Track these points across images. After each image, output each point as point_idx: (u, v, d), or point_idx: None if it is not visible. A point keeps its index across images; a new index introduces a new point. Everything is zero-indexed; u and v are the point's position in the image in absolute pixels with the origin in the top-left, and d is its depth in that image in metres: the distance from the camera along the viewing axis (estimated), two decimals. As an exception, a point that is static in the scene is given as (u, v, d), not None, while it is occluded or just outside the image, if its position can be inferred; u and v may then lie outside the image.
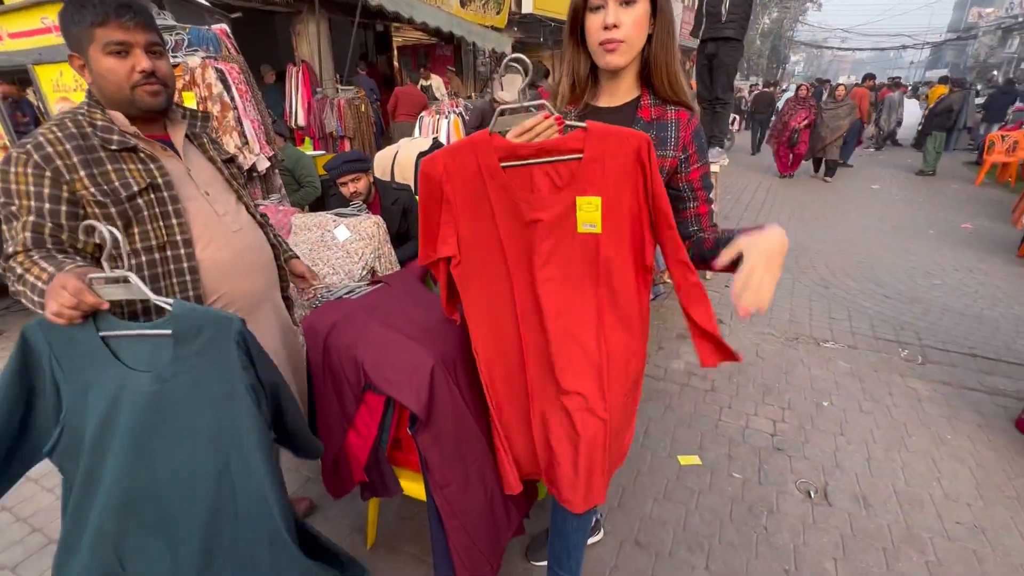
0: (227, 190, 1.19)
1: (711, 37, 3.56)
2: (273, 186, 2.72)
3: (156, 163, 1.05)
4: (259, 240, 1.23)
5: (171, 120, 1.14)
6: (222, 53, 2.46)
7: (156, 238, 1.04)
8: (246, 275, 1.16)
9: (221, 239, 1.12)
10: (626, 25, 0.92)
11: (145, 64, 1.00)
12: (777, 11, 27.75)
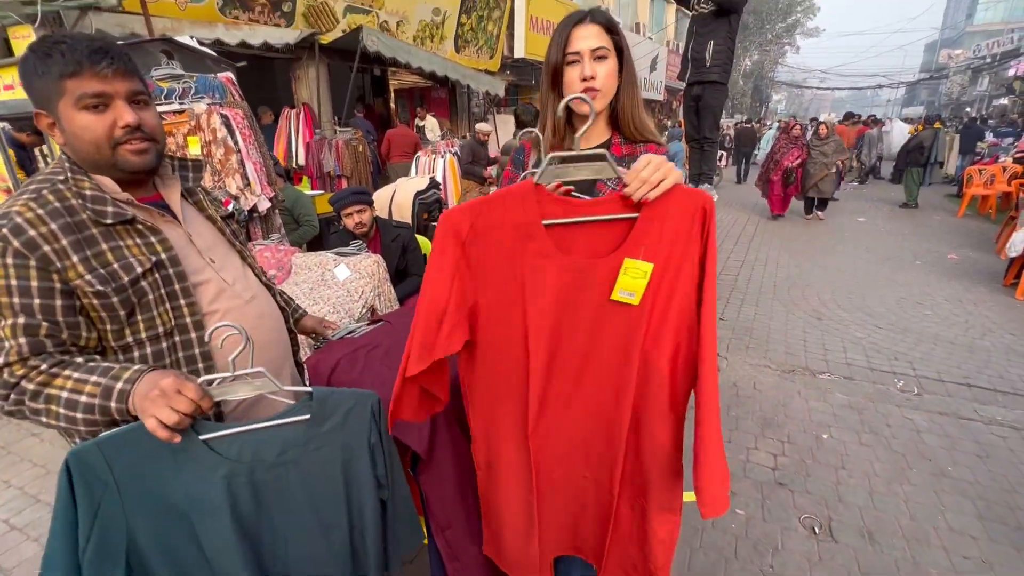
0: (231, 252, 1.07)
1: (697, 81, 3.73)
2: (273, 226, 2.77)
3: (158, 235, 0.91)
4: (271, 307, 1.11)
5: (162, 178, 0.99)
6: (227, 99, 2.55)
7: (163, 324, 0.91)
8: (261, 350, 1.00)
9: (235, 312, 1.00)
10: (601, 76, 1.04)
11: (129, 117, 0.86)
12: (758, 54, 29.07)
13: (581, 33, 1.03)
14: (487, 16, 8.89)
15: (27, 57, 0.84)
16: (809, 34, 31.02)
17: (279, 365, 1.10)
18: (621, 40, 1.06)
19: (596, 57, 1.03)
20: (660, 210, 0.84)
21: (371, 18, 7.02)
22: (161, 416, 0.75)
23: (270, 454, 0.86)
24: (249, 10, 5.82)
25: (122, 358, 0.89)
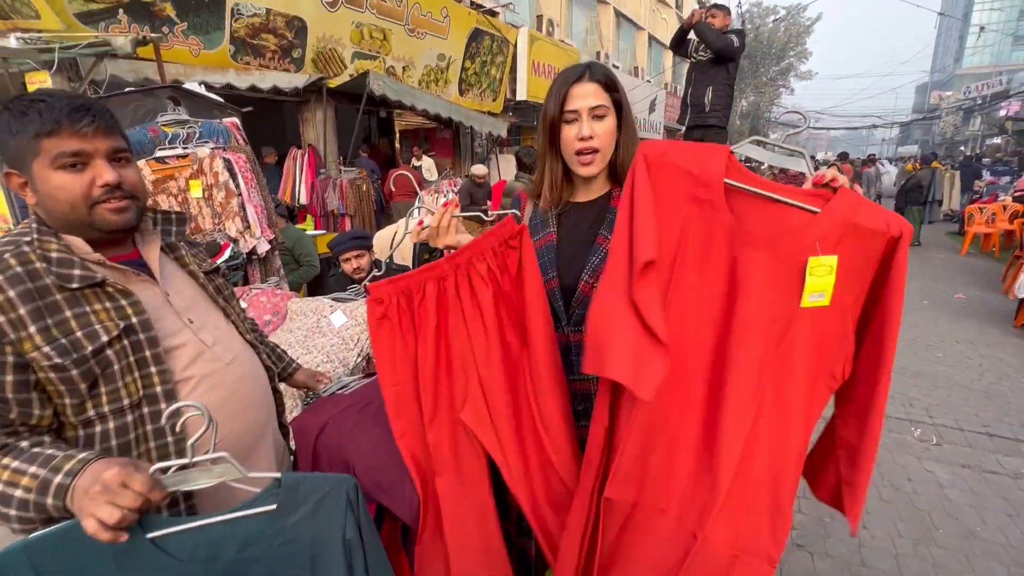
0: (213, 309, 1.01)
1: (697, 125, 3.78)
2: (272, 268, 2.74)
3: (129, 298, 0.84)
4: (254, 368, 1.04)
5: (142, 234, 0.94)
6: (231, 144, 2.57)
7: (130, 395, 0.83)
8: (242, 415, 0.96)
9: (212, 377, 0.92)
10: (599, 136, 1.02)
11: (108, 176, 0.82)
12: (754, 95, 29.93)
13: (579, 91, 1.02)
14: (490, 61, 9.19)
15: (1, 115, 0.81)
16: (802, 77, 32.00)
17: (261, 431, 1.03)
18: (620, 96, 1.05)
19: (594, 116, 1.02)
20: (843, 215, 0.79)
21: (378, 63, 7.25)
22: (101, 515, 0.65)
23: (229, 552, 0.75)
24: (260, 56, 6.02)
25: (83, 434, 0.82)
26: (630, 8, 15.41)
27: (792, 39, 29.55)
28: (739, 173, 0.85)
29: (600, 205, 1.11)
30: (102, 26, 4.83)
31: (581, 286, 1.05)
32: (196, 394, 0.91)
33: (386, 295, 0.96)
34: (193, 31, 5.37)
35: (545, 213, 1.13)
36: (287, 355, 1.34)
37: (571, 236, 1.11)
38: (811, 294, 0.80)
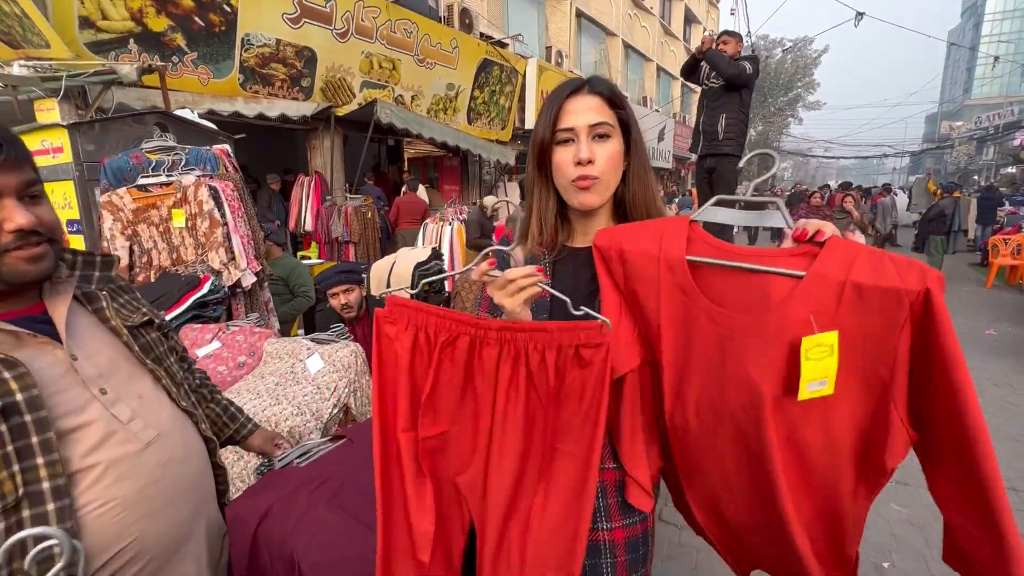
0: (138, 373, 0.84)
1: (710, 153, 3.64)
2: (258, 302, 2.58)
3: (14, 369, 0.68)
4: (185, 446, 0.86)
5: (52, 282, 0.79)
6: (219, 171, 2.45)
7: (3, 496, 0.66)
8: (164, 510, 0.79)
9: (125, 464, 0.75)
10: (601, 160, 0.83)
11: (21, 219, 0.70)
12: (762, 125, 30.07)
13: (576, 105, 0.82)
14: (499, 91, 9.24)
15: None
16: (810, 107, 32.17)
17: (188, 526, 0.84)
18: (627, 115, 0.85)
19: (595, 136, 0.82)
20: (839, 273, 0.63)
21: (387, 92, 7.29)
22: None
23: None
24: (269, 85, 6.05)
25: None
26: (639, 40, 15.63)
27: (799, 70, 29.84)
28: (704, 244, 0.76)
29: None
30: (112, 55, 4.87)
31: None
32: (100, 487, 0.72)
33: (403, 320, 0.78)
34: (203, 61, 5.41)
35: (537, 261, 0.92)
36: (242, 415, 1.16)
37: (567, 288, 0.89)
38: (810, 383, 0.63)
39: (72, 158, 2.21)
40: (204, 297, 2.16)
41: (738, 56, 3.69)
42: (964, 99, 48.84)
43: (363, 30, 6.64)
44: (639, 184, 0.87)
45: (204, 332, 1.98)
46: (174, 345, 1.00)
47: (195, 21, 5.21)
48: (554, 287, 0.88)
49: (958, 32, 54.34)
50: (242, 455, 1.49)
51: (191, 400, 0.94)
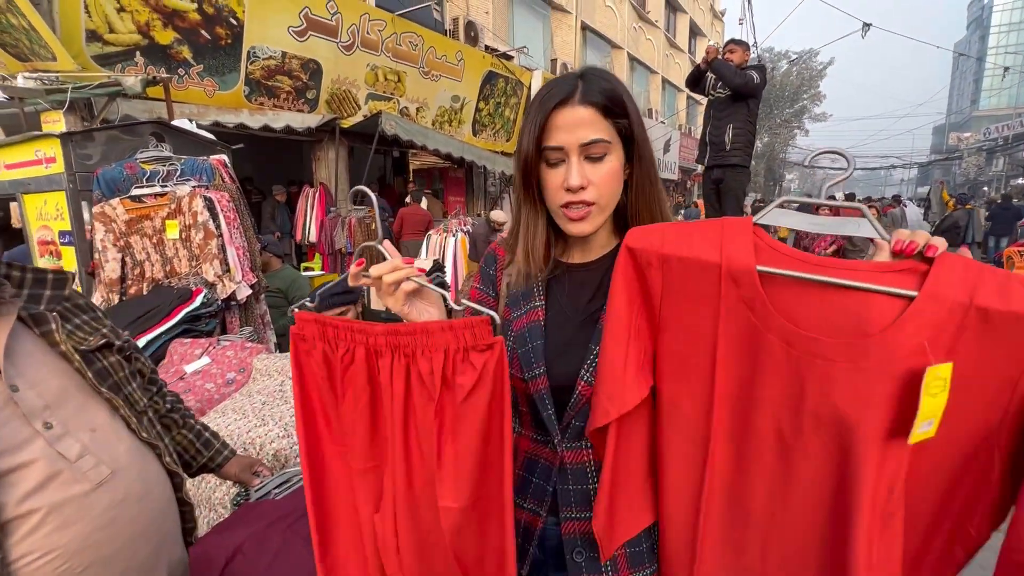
0: (92, 403, 0.77)
1: (716, 164, 3.57)
2: (253, 315, 2.51)
3: None
4: (145, 481, 0.78)
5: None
6: (215, 182, 2.40)
7: None
8: (117, 552, 0.71)
9: (70, 508, 0.68)
10: (596, 183, 0.71)
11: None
12: (768, 136, 30.06)
13: (565, 119, 0.69)
14: (504, 103, 9.26)
15: None
16: (816, 119, 32.13)
17: (145, 572, 0.75)
18: (629, 123, 0.72)
19: (587, 157, 0.70)
20: (956, 293, 0.53)
21: (392, 104, 7.30)
22: None
23: None
24: (275, 96, 6.07)
25: None
26: (644, 53, 15.70)
27: (805, 82, 29.86)
28: (775, 253, 0.61)
29: (604, 269, 0.79)
30: (119, 68, 4.89)
31: (580, 387, 0.73)
32: (40, 535, 0.65)
33: (310, 335, 0.71)
34: (209, 73, 5.43)
35: (530, 278, 0.80)
36: (217, 441, 1.07)
37: (565, 313, 0.79)
38: (922, 422, 0.52)
39: (64, 168, 2.17)
40: (196, 310, 2.10)
41: (745, 65, 3.64)
42: (972, 110, 48.67)
43: (368, 43, 6.67)
44: (642, 199, 0.76)
45: (194, 347, 1.91)
46: (141, 368, 0.92)
47: (201, 34, 5.24)
48: (550, 312, 0.79)
49: (964, 44, 54.34)
50: (222, 481, 1.41)
51: (155, 430, 0.86)
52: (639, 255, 0.66)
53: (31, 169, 2.31)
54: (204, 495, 1.46)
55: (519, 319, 0.80)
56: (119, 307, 2.17)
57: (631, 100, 0.73)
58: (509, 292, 0.83)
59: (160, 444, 0.84)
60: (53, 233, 2.37)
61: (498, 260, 0.87)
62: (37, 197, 2.36)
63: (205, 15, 5.20)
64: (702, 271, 0.62)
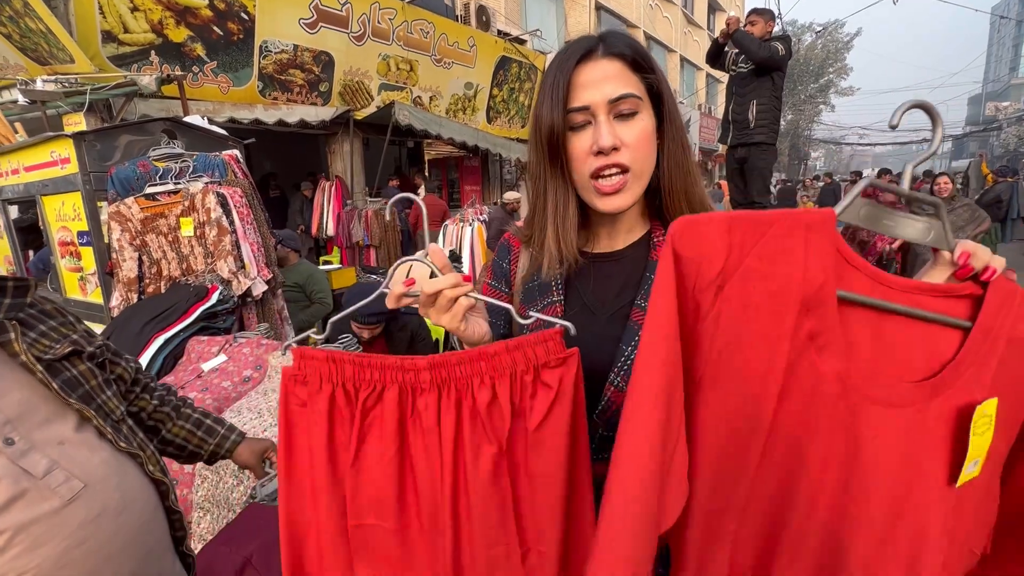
0: (60, 414, 0.72)
1: (740, 143, 3.41)
2: (270, 311, 2.50)
3: None
4: (123, 492, 0.74)
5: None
6: (227, 177, 2.38)
7: None
8: (97, 568, 0.68)
9: (39, 527, 0.64)
10: (628, 145, 0.62)
11: None
12: (792, 113, 29.04)
13: (590, 75, 0.62)
14: (518, 88, 9.10)
15: None
16: (843, 93, 30.90)
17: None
18: (657, 79, 0.64)
19: (617, 114, 0.62)
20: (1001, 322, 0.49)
21: (405, 94, 7.24)
22: None
23: None
24: (288, 91, 6.06)
25: None
26: (661, 31, 15.26)
27: (831, 55, 28.69)
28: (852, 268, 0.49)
29: (634, 258, 0.70)
30: (135, 67, 4.93)
31: (610, 393, 0.66)
32: (6, 559, 0.61)
33: (316, 376, 0.61)
34: (223, 69, 5.44)
35: (550, 273, 0.71)
36: (221, 426, 1.02)
37: (588, 310, 0.70)
38: (970, 463, 0.48)
39: (79, 168, 2.17)
40: (212, 307, 2.09)
41: (768, 36, 3.45)
42: (1011, 78, 46.20)
43: (379, 32, 6.59)
44: (676, 167, 0.66)
45: (211, 344, 1.90)
46: (121, 373, 0.88)
47: (214, 30, 5.24)
48: (570, 305, 0.71)
49: (1003, 6, 51.43)
50: (242, 479, 1.39)
51: (137, 438, 0.81)
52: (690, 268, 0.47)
53: (48, 170, 2.33)
54: (222, 495, 1.45)
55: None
56: (137, 306, 2.18)
57: (655, 61, 0.66)
58: (523, 286, 0.76)
59: (142, 453, 0.79)
60: (72, 234, 2.39)
61: (512, 252, 0.79)
62: (55, 198, 2.38)
63: (217, 11, 5.19)
64: (777, 294, 0.46)
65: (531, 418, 0.58)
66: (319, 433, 0.61)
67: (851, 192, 0.52)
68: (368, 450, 0.61)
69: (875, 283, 0.49)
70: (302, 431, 0.63)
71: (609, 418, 0.67)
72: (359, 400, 0.61)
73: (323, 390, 0.61)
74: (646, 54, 0.64)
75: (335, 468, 0.62)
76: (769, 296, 0.47)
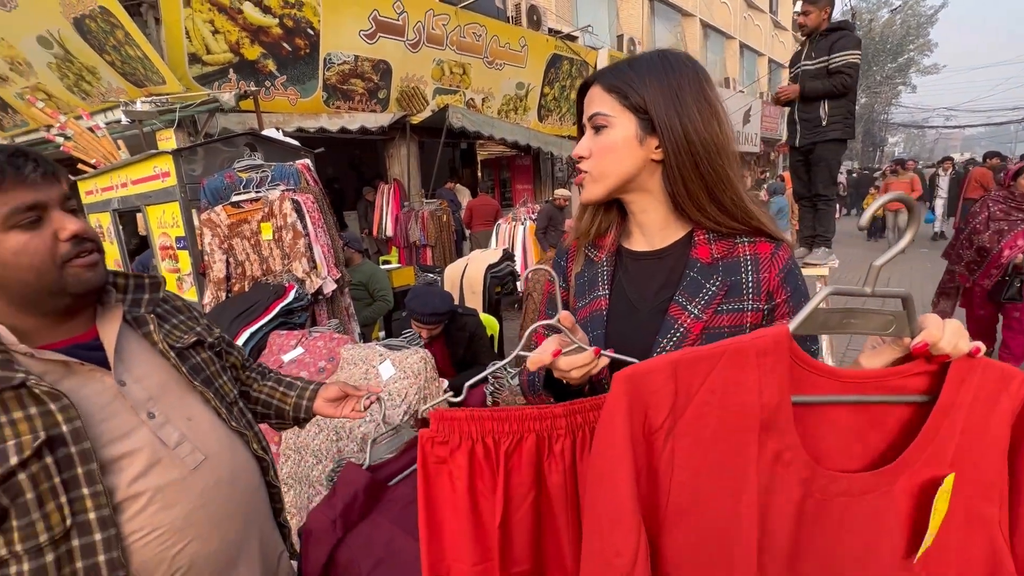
0: (188, 395, 0.84)
1: (813, 143, 3.20)
2: (339, 308, 2.70)
3: (58, 401, 0.68)
4: (234, 465, 0.85)
5: (103, 304, 0.80)
6: (301, 185, 2.59)
7: (50, 528, 0.66)
8: (213, 530, 0.79)
9: (171, 490, 0.75)
10: (593, 154, 0.76)
11: (73, 226, 0.72)
12: (866, 97, 26.96)
13: (586, 100, 0.78)
14: (570, 85, 9.08)
15: None
16: (926, 72, 28.34)
17: (238, 548, 0.83)
18: (644, 99, 0.71)
19: (594, 127, 0.75)
20: (960, 397, 0.51)
21: (458, 97, 7.43)
22: None
23: None
24: (350, 99, 6.40)
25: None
26: (718, 17, 14.66)
27: (911, 31, 26.38)
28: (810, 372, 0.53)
29: (675, 257, 0.77)
30: (216, 85, 5.39)
31: None
32: (147, 515, 0.74)
33: (456, 434, 0.64)
34: (291, 82, 5.83)
35: (597, 267, 0.82)
36: (300, 381, 1.10)
37: (630, 303, 0.78)
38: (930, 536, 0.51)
39: (177, 181, 2.44)
40: (290, 305, 2.29)
41: (824, 28, 3.20)
42: None
43: (434, 38, 6.81)
44: (677, 180, 0.72)
45: (289, 338, 2.09)
46: (234, 361, 1.01)
47: (283, 47, 5.62)
48: (613, 302, 0.79)
49: (1124, -36, 45.04)
50: (321, 458, 1.54)
51: (245, 419, 0.93)
52: (638, 417, 0.50)
53: (151, 183, 2.63)
54: (303, 473, 1.61)
55: (583, 308, 0.81)
56: (226, 303, 2.42)
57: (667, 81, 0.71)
58: (576, 281, 0.84)
59: (248, 432, 0.91)
60: (171, 239, 2.68)
61: (568, 251, 0.89)
62: (157, 208, 2.69)
63: (286, 28, 5.57)
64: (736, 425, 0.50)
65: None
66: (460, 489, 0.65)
67: (807, 307, 0.53)
68: (513, 498, 0.65)
69: (831, 379, 0.52)
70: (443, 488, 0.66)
71: None
72: (500, 454, 0.64)
73: (462, 448, 0.64)
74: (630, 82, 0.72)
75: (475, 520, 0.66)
76: (726, 426, 0.50)
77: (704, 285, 0.72)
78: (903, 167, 9.05)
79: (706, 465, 0.51)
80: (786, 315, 0.72)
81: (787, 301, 0.72)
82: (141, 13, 5.07)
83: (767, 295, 0.72)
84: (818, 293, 0.52)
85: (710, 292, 0.72)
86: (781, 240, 0.73)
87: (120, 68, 5.01)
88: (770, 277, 0.72)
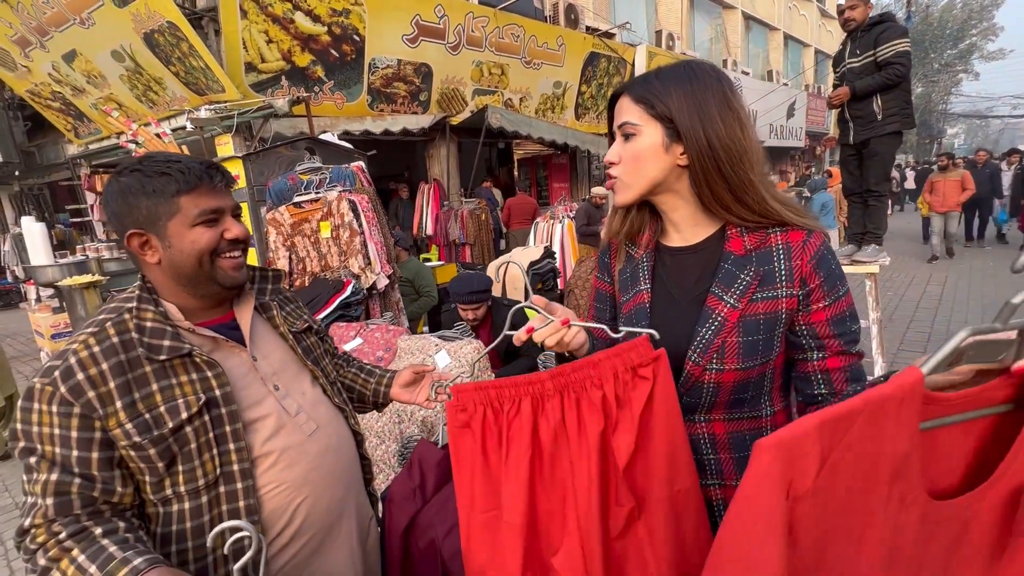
0: (301, 372, 0.97)
1: (869, 138, 3.11)
2: (390, 302, 2.84)
3: (215, 369, 0.82)
4: (338, 437, 0.97)
5: (239, 295, 0.94)
6: (356, 186, 2.74)
7: (205, 475, 0.80)
8: (324, 489, 0.91)
9: (293, 451, 0.88)
10: (623, 159, 0.82)
11: (238, 231, 0.87)
12: (922, 86, 25.51)
13: (615, 109, 0.84)
14: (607, 83, 9.05)
15: (132, 177, 0.81)
16: (990, 57, 26.57)
17: (341, 507, 0.96)
18: (669, 109, 0.76)
19: (624, 135, 0.81)
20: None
21: (496, 97, 7.54)
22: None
23: None
24: (392, 102, 6.61)
25: (162, 511, 0.81)
26: (761, 8, 14.22)
27: (973, 14, 24.78)
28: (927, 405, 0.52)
29: (709, 250, 0.83)
30: (270, 92, 5.68)
31: (688, 367, 0.80)
32: (275, 471, 0.86)
33: (470, 403, 0.80)
34: (338, 87, 6.08)
35: (637, 263, 0.89)
36: (378, 369, 1.21)
37: (671, 296, 0.85)
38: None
39: (245, 183, 2.63)
40: (348, 298, 2.44)
41: (869, 22, 3.09)
42: None
43: (473, 40, 6.93)
44: (702, 182, 0.78)
45: (348, 329, 2.23)
46: (329, 347, 1.14)
47: (331, 53, 5.87)
48: (655, 295, 0.87)
49: None
50: (384, 438, 1.66)
51: (342, 397, 1.06)
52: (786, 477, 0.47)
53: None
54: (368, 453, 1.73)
55: (627, 302, 0.88)
56: (289, 297, 2.60)
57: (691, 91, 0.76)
58: (620, 277, 0.92)
59: (346, 408, 1.03)
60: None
61: (611, 248, 0.96)
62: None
63: (334, 35, 5.80)
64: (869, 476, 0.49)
65: (635, 406, 0.74)
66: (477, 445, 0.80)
67: (943, 349, 0.50)
68: (512, 452, 0.79)
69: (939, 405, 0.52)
70: (466, 445, 0.81)
71: (690, 387, 0.82)
72: (504, 413, 0.80)
73: (477, 411, 0.80)
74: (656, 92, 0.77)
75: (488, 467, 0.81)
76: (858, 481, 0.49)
77: (738, 276, 0.78)
78: (952, 162, 8.03)
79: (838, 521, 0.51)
80: (820, 299, 0.76)
81: (821, 286, 0.76)
82: (202, 26, 5.40)
83: (800, 281, 0.76)
84: (957, 335, 0.50)
85: (744, 282, 0.77)
86: (813, 228, 0.78)
87: (183, 78, 5.35)
88: (803, 264, 0.76)
